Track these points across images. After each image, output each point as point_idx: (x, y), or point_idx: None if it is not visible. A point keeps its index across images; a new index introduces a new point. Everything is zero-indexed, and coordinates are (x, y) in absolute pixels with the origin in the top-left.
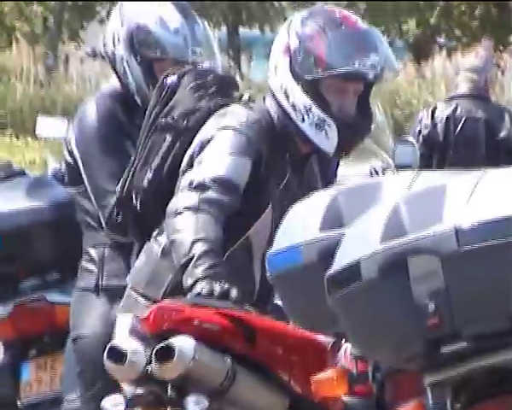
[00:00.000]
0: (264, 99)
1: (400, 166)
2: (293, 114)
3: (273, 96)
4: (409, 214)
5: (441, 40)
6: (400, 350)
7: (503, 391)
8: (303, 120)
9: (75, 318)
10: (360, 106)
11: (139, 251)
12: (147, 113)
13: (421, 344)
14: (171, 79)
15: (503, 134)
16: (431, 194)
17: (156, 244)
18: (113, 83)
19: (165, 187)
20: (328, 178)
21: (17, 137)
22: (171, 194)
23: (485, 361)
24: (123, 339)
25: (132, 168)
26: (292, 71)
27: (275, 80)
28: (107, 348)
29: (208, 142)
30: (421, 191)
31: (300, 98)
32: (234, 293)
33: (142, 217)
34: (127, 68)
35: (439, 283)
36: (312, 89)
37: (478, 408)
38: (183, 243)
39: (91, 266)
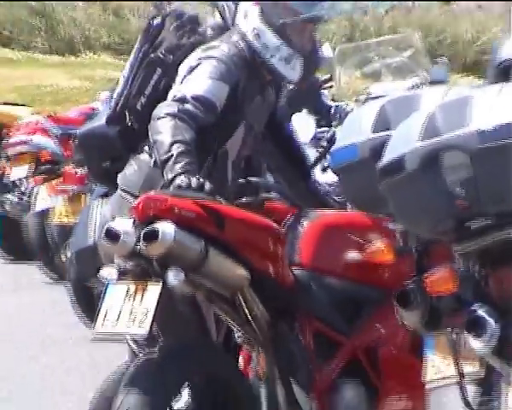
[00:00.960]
0: (230, 37)
1: (435, 82)
2: (263, 52)
3: (243, 37)
4: (442, 119)
5: None
6: (436, 226)
7: None
8: (272, 56)
9: None
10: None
11: (125, 161)
12: (135, 49)
13: (453, 221)
14: (156, 21)
15: None
16: (461, 102)
17: (147, 155)
18: None
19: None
20: (279, 97)
21: None
22: None
23: (505, 234)
24: (117, 222)
25: (125, 94)
26: (262, 17)
27: (245, 24)
28: (104, 230)
29: (196, 66)
30: (453, 100)
31: (271, 39)
32: (207, 186)
33: (130, 133)
34: None
35: (467, 173)
36: (281, 31)
37: (497, 272)
38: (164, 142)
39: None
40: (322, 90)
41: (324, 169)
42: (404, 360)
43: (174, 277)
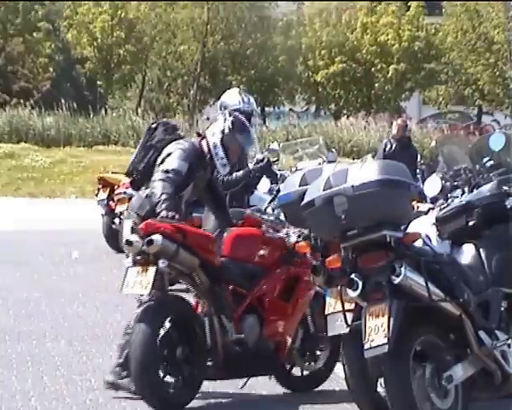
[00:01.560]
0: (201, 140)
1: (330, 162)
2: (214, 156)
3: (207, 144)
4: (333, 179)
5: None
6: (331, 233)
7: (371, 248)
8: (217, 160)
9: None
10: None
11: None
12: (142, 140)
13: (339, 231)
14: (153, 125)
15: None
16: (342, 171)
17: (143, 193)
18: None
19: (148, 172)
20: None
21: None
22: (151, 175)
23: (364, 238)
24: (131, 236)
25: (134, 161)
26: (221, 141)
27: (212, 138)
28: (125, 240)
29: (172, 152)
30: (339, 170)
31: (220, 152)
32: (176, 217)
33: (136, 181)
34: None
35: (346, 206)
36: (226, 150)
37: (361, 257)
38: (156, 194)
39: None
40: (273, 165)
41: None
42: (278, 303)
43: (162, 263)
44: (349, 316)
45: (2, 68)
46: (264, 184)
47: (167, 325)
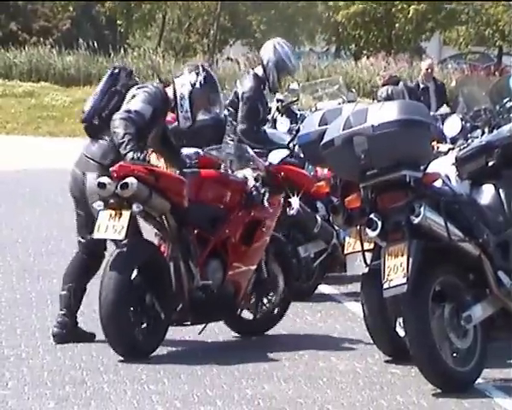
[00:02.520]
0: (165, 86)
1: (350, 101)
2: (179, 107)
3: (175, 92)
4: (353, 119)
5: None
6: (350, 173)
7: (391, 188)
8: (181, 111)
9: None
10: None
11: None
12: (103, 83)
13: (359, 171)
14: (116, 70)
15: None
16: (362, 111)
17: (105, 140)
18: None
19: (111, 117)
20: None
21: None
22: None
23: (384, 178)
24: (104, 178)
25: (97, 108)
26: (190, 94)
27: (181, 89)
28: (98, 182)
29: (136, 94)
30: (358, 110)
31: (186, 104)
32: (146, 159)
33: (96, 127)
34: None
35: (365, 146)
36: (191, 104)
37: (380, 197)
38: (119, 133)
39: None
40: (293, 105)
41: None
42: (240, 247)
43: (137, 208)
44: (368, 256)
45: (22, 7)
46: (284, 123)
47: (138, 270)
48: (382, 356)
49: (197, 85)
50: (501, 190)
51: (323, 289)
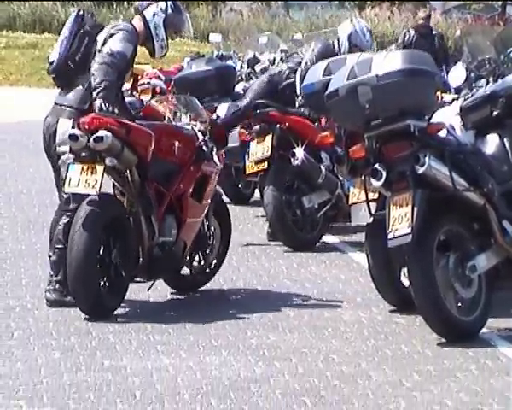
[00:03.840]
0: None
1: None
2: (155, 37)
3: (146, 23)
4: (357, 69)
5: None
6: (355, 123)
7: (395, 138)
8: (157, 41)
9: None
10: None
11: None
12: (69, 27)
13: (364, 120)
14: (80, 13)
15: None
16: (366, 61)
17: (82, 85)
18: None
19: (86, 62)
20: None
21: None
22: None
23: (388, 128)
24: (75, 130)
25: (68, 52)
26: (164, 20)
27: (154, 19)
28: (69, 134)
29: (114, 34)
30: (363, 59)
31: (162, 34)
32: (115, 111)
33: (70, 73)
34: None
35: (370, 96)
36: (166, 31)
37: (384, 146)
38: (97, 78)
39: None
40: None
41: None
42: (192, 203)
43: (110, 162)
44: (373, 206)
45: None
46: None
47: (105, 227)
48: (387, 306)
49: (169, 11)
50: (505, 140)
51: (328, 239)
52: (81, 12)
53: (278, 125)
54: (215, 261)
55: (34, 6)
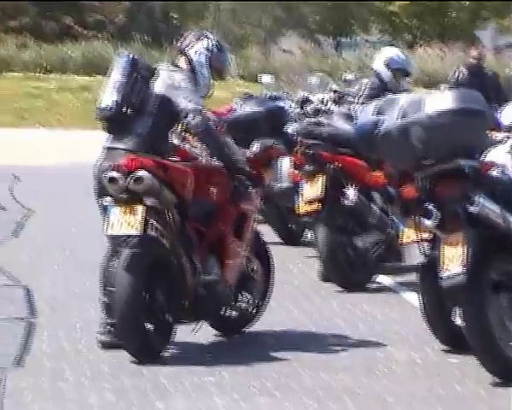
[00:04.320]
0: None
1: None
2: (199, 75)
3: (190, 63)
4: (409, 108)
5: None
6: (407, 163)
7: (447, 177)
8: (202, 80)
9: None
10: None
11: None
12: (124, 72)
13: (415, 160)
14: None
15: None
16: (418, 100)
17: (138, 130)
18: None
19: (141, 105)
20: None
21: None
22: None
23: (440, 167)
24: (114, 173)
25: (125, 96)
26: (209, 59)
27: (198, 57)
28: (108, 177)
29: (181, 87)
30: (414, 99)
31: (205, 72)
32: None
33: (127, 118)
34: None
35: (422, 136)
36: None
37: (437, 187)
38: (223, 148)
39: None
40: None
41: None
42: (232, 240)
43: (150, 201)
44: (425, 246)
45: (78, 1)
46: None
47: (149, 268)
48: (440, 346)
49: (214, 50)
50: None
51: (380, 279)
52: (131, 55)
53: (330, 165)
54: (259, 302)
55: (85, 48)
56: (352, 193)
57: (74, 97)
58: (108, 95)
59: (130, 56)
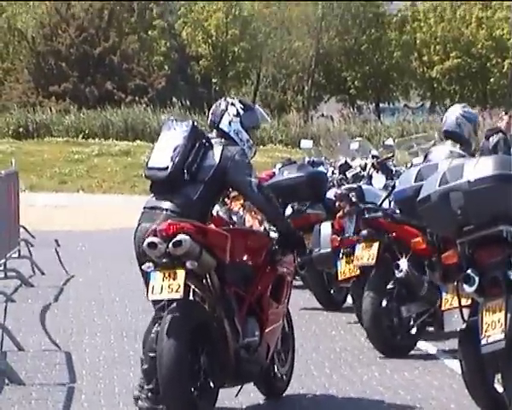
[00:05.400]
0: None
1: None
2: (239, 142)
3: (226, 136)
4: (449, 175)
5: None
6: (448, 229)
7: (488, 243)
8: (243, 145)
9: None
10: None
11: None
12: (187, 137)
13: (456, 226)
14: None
15: None
16: (458, 166)
17: (189, 194)
18: None
19: (198, 171)
20: None
21: None
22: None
23: (481, 233)
24: (154, 238)
25: (184, 161)
26: (241, 123)
27: (231, 127)
28: (147, 243)
29: (238, 166)
30: (454, 166)
31: (245, 136)
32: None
33: (182, 182)
34: None
35: (462, 202)
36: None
37: (477, 252)
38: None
39: None
40: (388, 161)
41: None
42: (271, 303)
43: (190, 264)
44: (466, 312)
45: (118, 66)
46: (380, 179)
47: (192, 332)
48: None
49: (241, 112)
50: None
51: (421, 345)
52: (194, 123)
53: (386, 234)
54: (292, 360)
55: (126, 113)
56: (404, 265)
57: (114, 162)
58: (166, 156)
59: (193, 123)
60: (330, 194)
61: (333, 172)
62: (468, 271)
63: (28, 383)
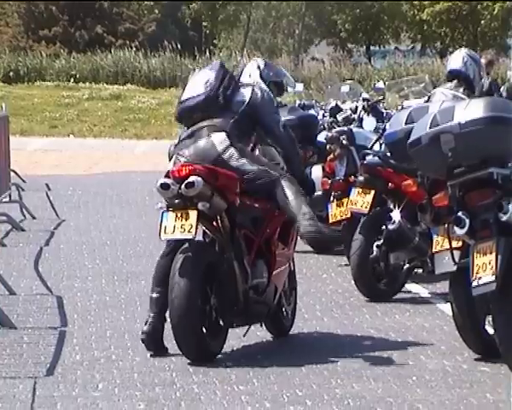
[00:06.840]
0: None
1: None
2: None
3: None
4: (440, 117)
5: None
6: (438, 171)
7: (479, 185)
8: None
9: None
10: None
11: None
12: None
13: (446, 169)
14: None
15: None
16: (449, 109)
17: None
18: None
19: (231, 98)
20: None
21: None
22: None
23: (471, 176)
24: (166, 179)
25: (219, 86)
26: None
27: (248, 79)
28: (160, 183)
29: (266, 109)
30: (445, 108)
31: (264, 86)
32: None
33: (219, 105)
34: None
35: (452, 144)
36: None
37: (468, 194)
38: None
39: None
40: (379, 103)
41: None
42: (279, 246)
43: (202, 205)
44: (456, 254)
45: (108, 10)
46: (370, 122)
47: (203, 273)
48: (472, 354)
49: (262, 67)
50: None
51: (412, 287)
52: (222, 61)
53: (384, 182)
54: (295, 302)
55: (116, 57)
56: (396, 216)
57: (104, 106)
58: (199, 87)
59: (218, 61)
60: (321, 137)
61: (323, 115)
62: (459, 213)
63: (20, 327)
